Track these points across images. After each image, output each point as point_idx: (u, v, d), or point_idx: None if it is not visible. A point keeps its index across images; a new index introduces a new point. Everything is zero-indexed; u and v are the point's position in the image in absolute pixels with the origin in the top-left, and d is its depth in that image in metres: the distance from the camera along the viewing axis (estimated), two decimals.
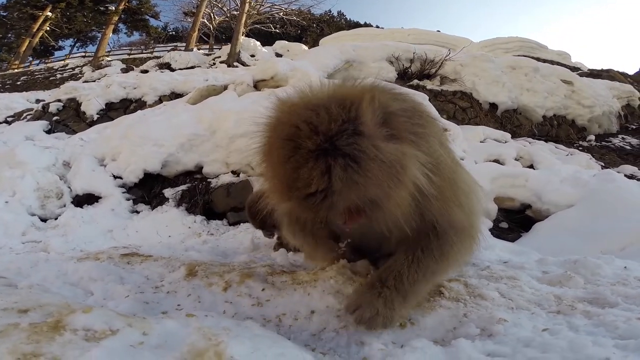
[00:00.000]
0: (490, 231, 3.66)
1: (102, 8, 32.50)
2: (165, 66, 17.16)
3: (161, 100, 8.86)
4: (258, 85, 6.29)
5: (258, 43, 20.92)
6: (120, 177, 4.66)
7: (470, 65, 9.40)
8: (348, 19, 48.75)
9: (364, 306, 1.20)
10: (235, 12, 23.51)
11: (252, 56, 18.85)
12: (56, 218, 4.26)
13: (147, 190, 4.65)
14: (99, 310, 0.92)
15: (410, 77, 9.20)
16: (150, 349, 0.82)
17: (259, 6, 23.43)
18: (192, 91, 6.90)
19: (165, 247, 2.53)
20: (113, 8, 30.17)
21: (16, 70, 27.04)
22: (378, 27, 30.14)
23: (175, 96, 8.94)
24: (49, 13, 30.34)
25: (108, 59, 24.26)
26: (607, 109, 10.12)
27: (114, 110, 8.81)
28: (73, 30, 34.31)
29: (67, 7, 31.47)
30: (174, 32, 42.28)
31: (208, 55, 20.52)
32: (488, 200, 3.92)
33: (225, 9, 26.49)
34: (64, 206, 4.44)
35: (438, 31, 24.10)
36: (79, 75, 20.41)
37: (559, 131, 9.44)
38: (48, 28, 31.07)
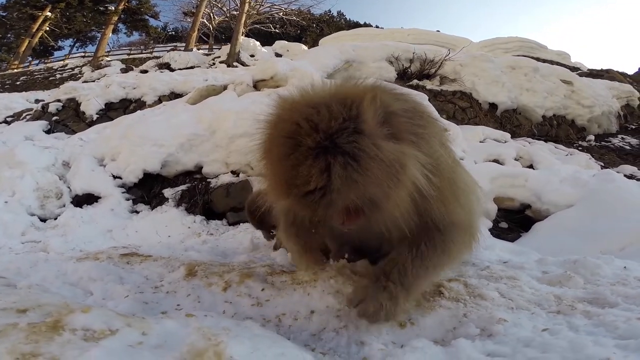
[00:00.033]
0: (490, 231, 3.66)
1: (102, 8, 32.50)
2: (164, 66, 17.14)
3: (161, 100, 8.85)
4: (258, 85, 6.28)
5: (258, 43, 20.91)
6: (119, 177, 4.65)
7: (469, 65, 9.39)
8: (348, 19, 48.77)
9: (368, 300, 1.20)
10: (234, 12, 23.52)
11: (252, 56, 18.85)
12: (56, 218, 4.25)
13: (147, 190, 4.64)
14: (98, 310, 0.92)
15: (410, 77, 9.20)
16: (149, 349, 0.82)
17: (259, 6, 23.43)
18: (192, 91, 6.89)
19: (164, 247, 2.53)
20: (113, 8, 30.16)
21: (16, 70, 27.03)
22: (378, 27, 30.13)
23: (174, 96, 8.93)
24: (49, 13, 30.33)
25: (107, 59, 24.24)
26: (607, 109, 10.12)
27: (114, 110, 8.80)
28: (72, 30, 34.30)
29: (67, 7, 31.46)
30: (174, 32, 42.28)
31: (208, 55, 20.51)
32: (488, 200, 3.91)
33: (224, 9, 26.48)
34: (64, 206, 4.44)
35: (438, 31, 24.10)
36: (79, 75, 20.39)
37: (559, 131, 9.44)
38: (47, 28, 31.06)
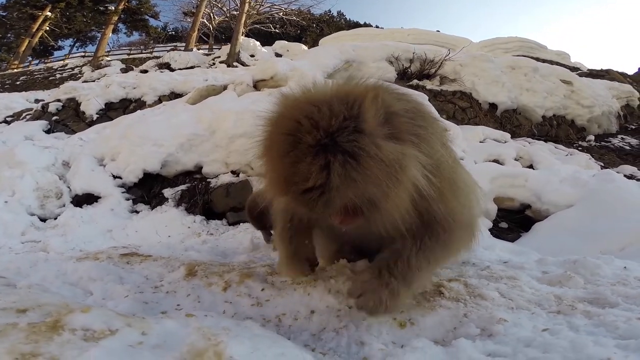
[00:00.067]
0: (490, 231, 3.66)
1: (102, 8, 32.49)
2: (164, 66, 17.13)
3: (161, 100, 8.84)
4: (258, 85, 6.28)
5: (258, 43, 20.91)
6: (119, 177, 4.65)
7: (469, 65, 9.38)
8: (348, 19, 48.77)
9: (369, 295, 1.23)
10: (234, 12, 23.51)
11: (252, 56, 18.84)
12: (55, 218, 4.25)
13: (147, 190, 4.64)
14: (98, 310, 0.92)
15: (409, 77, 9.19)
16: (149, 349, 0.81)
17: (259, 6, 23.43)
18: (192, 91, 6.89)
19: (164, 247, 2.53)
20: (113, 8, 30.15)
21: (15, 70, 27.01)
22: (378, 27, 30.13)
23: (174, 96, 8.92)
24: (49, 13, 30.32)
25: (107, 59, 24.23)
26: (607, 109, 10.12)
27: (114, 110, 8.79)
28: (72, 30, 34.29)
29: (67, 7, 31.45)
30: (174, 32, 42.29)
31: (208, 55, 20.50)
32: (488, 200, 3.91)
33: (224, 9, 26.48)
34: (64, 206, 4.43)
35: (438, 31, 24.09)
36: (79, 75, 20.38)
37: (559, 131, 9.44)
38: (47, 28, 31.05)
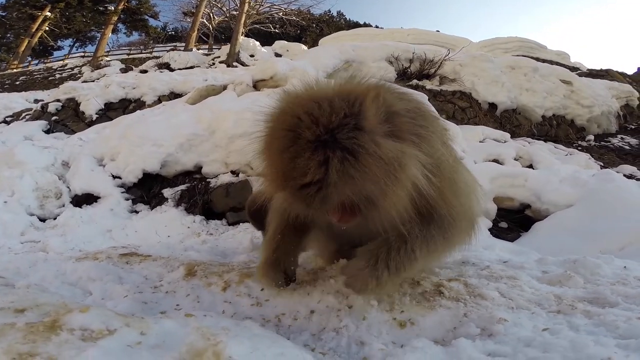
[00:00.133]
0: (489, 231, 3.66)
1: (101, 8, 32.50)
2: (164, 66, 17.14)
3: (160, 100, 8.83)
4: (257, 85, 6.28)
5: (257, 43, 20.92)
6: (119, 177, 4.65)
7: (469, 65, 9.38)
8: (347, 19, 48.83)
9: (358, 282, 1.26)
10: (234, 12, 23.52)
11: (252, 56, 18.86)
12: (55, 218, 4.25)
13: (146, 190, 4.64)
14: (97, 309, 0.91)
15: (409, 77, 9.19)
16: (148, 349, 0.81)
17: (259, 6, 23.43)
18: (192, 91, 6.88)
19: (164, 247, 2.52)
20: (112, 8, 30.18)
21: (15, 70, 27.03)
22: (377, 27, 30.15)
23: (174, 96, 8.92)
24: (48, 13, 30.32)
25: (107, 59, 24.25)
26: (606, 109, 10.12)
27: (113, 110, 8.78)
28: (72, 30, 34.29)
29: (66, 7, 31.46)
30: (173, 32, 42.32)
31: (207, 55, 20.51)
32: (487, 200, 3.91)
33: (224, 9, 26.48)
34: (63, 206, 4.43)
35: (437, 31, 24.11)
36: (78, 75, 20.39)
37: (558, 131, 9.44)
38: (47, 28, 31.05)
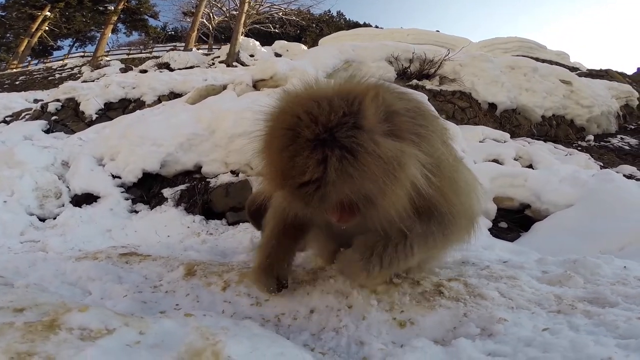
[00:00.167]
0: (489, 231, 3.66)
1: (101, 8, 32.49)
2: (164, 66, 17.15)
3: (160, 100, 8.83)
4: (257, 85, 6.27)
5: (257, 43, 20.92)
6: (119, 177, 4.64)
7: (469, 65, 9.38)
8: (347, 19, 48.84)
9: (350, 272, 1.29)
10: (234, 12, 23.52)
11: (252, 56, 18.86)
12: (55, 218, 4.24)
13: (146, 190, 4.63)
14: (96, 309, 0.91)
15: (409, 77, 9.19)
16: (146, 348, 0.81)
17: (258, 6, 23.43)
18: (191, 91, 6.88)
19: (164, 247, 2.52)
20: (112, 8, 30.17)
21: (15, 70, 27.01)
22: (377, 27, 30.16)
23: (174, 96, 8.92)
24: (48, 13, 30.31)
25: (107, 59, 24.25)
26: (606, 109, 10.13)
27: (113, 110, 8.78)
28: (72, 30, 34.28)
29: (66, 7, 31.45)
30: (173, 32, 42.32)
31: (207, 55, 20.52)
32: (487, 200, 3.91)
33: (224, 9, 26.49)
34: (63, 206, 4.42)
35: (437, 31, 24.11)
36: (78, 75, 20.39)
37: (558, 131, 9.44)
38: (47, 28, 31.03)
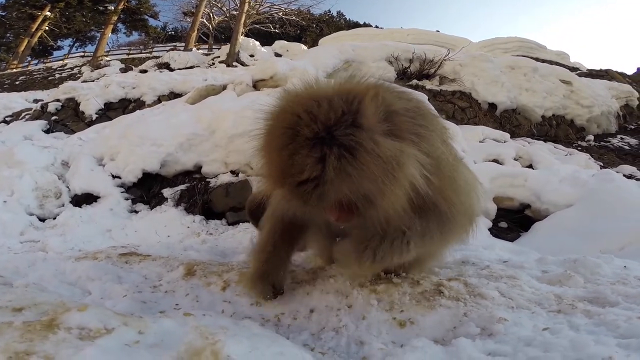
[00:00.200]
0: (489, 231, 3.66)
1: (101, 8, 32.49)
2: (164, 66, 17.15)
3: (160, 100, 8.83)
4: (257, 85, 6.27)
5: (257, 43, 20.93)
6: (119, 177, 4.64)
7: (469, 65, 9.39)
8: (347, 19, 48.84)
9: (343, 260, 1.29)
10: (234, 12, 23.52)
11: (252, 56, 18.86)
12: (55, 218, 4.24)
13: (146, 190, 4.63)
14: (95, 308, 0.91)
15: (409, 77, 9.19)
16: (146, 348, 0.81)
17: (259, 6, 23.43)
18: (191, 91, 6.88)
19: (163, 247, 2.52)
20: (112, 8, 30.18)
21: (15, 70, 27.01)
22: (377, 27, 30.15)
23: (174, 96, 8.92)
24: (48, 13, 30.31)
25: (107, 59, 24.25)
26: (606, 109, 10.13)
27: (113, 110, 8.78)
28: (72, 30, 34.28)
29: (66, 7, 31.46)
30: (173, 32, 42.32)
31: (207, 55, 20.52)
32: (487, 199, 3.91)
33: (224, 9, 26.48)
34: (63, 206, 4.42)
35: (437, 31, 24.12)
36: (78, 75, 20.39)
37: (558, 131, 9.44)
38: (47, 28, 31.04)
